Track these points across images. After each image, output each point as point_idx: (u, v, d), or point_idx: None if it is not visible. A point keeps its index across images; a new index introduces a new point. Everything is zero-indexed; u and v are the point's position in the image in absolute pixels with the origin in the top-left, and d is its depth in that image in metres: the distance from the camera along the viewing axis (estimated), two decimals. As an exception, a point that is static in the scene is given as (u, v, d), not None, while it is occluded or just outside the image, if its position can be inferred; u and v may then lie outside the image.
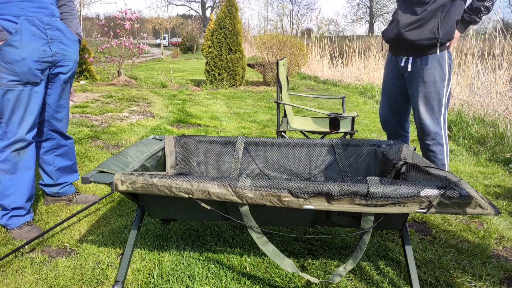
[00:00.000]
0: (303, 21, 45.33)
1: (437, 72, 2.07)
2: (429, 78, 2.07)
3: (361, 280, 1.56)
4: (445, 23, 1.99)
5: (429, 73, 2.07)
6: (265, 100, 6.60)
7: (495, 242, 1.90)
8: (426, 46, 2.04)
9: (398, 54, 2.20)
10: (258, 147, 1.96)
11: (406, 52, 2.13)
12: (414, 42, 2.04)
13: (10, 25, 1.70)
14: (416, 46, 2.06)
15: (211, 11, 43.88)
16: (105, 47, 8.26)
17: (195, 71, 12.59)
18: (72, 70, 2.02)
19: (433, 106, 2.11)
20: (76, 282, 1.52)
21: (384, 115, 2.38)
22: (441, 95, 2.10)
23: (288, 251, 1.76)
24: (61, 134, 2.10)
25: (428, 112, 2.13)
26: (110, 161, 1.48)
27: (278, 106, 2.88)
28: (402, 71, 2.19)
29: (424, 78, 2.08)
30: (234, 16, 7.78)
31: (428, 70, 2.07)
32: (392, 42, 2.18)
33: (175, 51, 23.93)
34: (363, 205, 1.22)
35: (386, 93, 2.34)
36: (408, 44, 2.07)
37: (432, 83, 2.08)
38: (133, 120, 4.72)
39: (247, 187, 1.25)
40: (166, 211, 1.48)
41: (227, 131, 4.25)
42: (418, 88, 2.12)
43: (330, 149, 1.94)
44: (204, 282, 1.53)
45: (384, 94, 2.37)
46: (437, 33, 1.98)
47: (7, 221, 1.85)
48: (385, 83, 2.36)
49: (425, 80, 2.08)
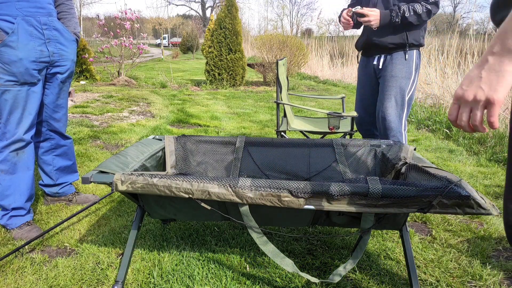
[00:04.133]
0: (303, 21, 45.33)
1: (404, 69, 2.16)
2: (396, 73, 2.16)
3: (361, 280, 1.56)
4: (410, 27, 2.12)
5: (396, 68, 2.17)
6: (265, 100, 6.60)
7: (495, 242, 1.90)
8: (396, 45, 2.15)
9: (370, 55, 2.29)
10: (258, 147, 1.96)
11: (377, 51, 2.23)
12: (383, 43, 2.16)
13: (7, 25, 1.70)
14: (385, 47, 2.17)
15: (211, 11, 43.90)
16: (105, 47, 8.26)
17: (195, 71, 12.59)
18: (70, 70, 2.02)
19: (396, 100, 2.18)
20: (76, 282, 1.52)
21: (358, 116, 2.45)
22: (404, 91, 2.17)
23: (288, 251, 1.76)
24: (60, 134, 2.10)
25: (390, 106, 2.19)
26: (110, 161, 1.48)
27: (278, 106, 2.88)
28: (375, 69, 2.28)
29: (391, 72, 2.17)
30: (234, 16, 7.78)
31: (396, 66, 2.17)
32: (364, 46, 2.29)
33: (175, 51, 23.94)
34: (363, 205, 1.22)
35: (360, 93, 2.42)
36: (378, 46, 2.19)
37: (397, 77, 2.16)
38: (133, 120, 4.72)
39: (247, 187, 1.25)
40: (166, 211, 1.47)
41: (227, 131, 4.24)
42: (385, 83, 2.20)
43: (330, 149, 1.94)
44: (204, 282, 1.53)
45: (358, 95, 2.45)
46: (405, 36, 2.12)
47: (7, 221, 1.85)
48: (359, 84, 2.44)
49: (392, 74, 2.17)
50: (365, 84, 2.37)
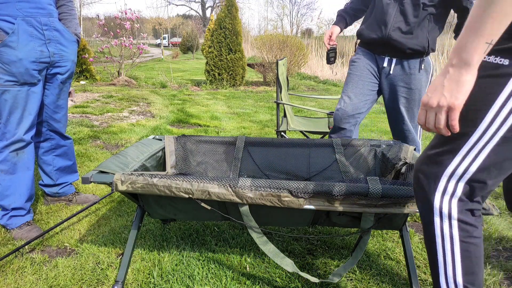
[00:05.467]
0: (303, 21, 45.30)
1: (424, 79, 1.99)
2: (416, 85, 1.98)
3: (361, 280, 1.56)
4: (433, 32, 1.93)
5: (416, 79, 1.98)
6: (265, 100, 6.60)
7: (495, 242, 1.90)
8: (414, 51, 1.94)
9: (380, 54, 2.04)
10: (258, 147, 1.96)
11: (390, 53, 2.00)
12: (403, 46, 1.92)
13: (7, 25, 1.70)
14: (402, 51, 1.95)
15: (211, 11, 43.89)
16: (105, 47, 8.26)
17: (195, 71, 12.59)
18: (70, 70, 2.02)
19: (414, 113, 2.04)
20: (76, 282, 1.52)
21: (344, 111, 2.08)
22: None
23: (288, 251, 1.76)
24: (60, 134, 2.10)
25: (410, 119, 2.05)
26: (110, 161, 1.48)
27: (278, 106, 2.88)
28: (381, 71, 2.06)
29: (410, 84, 1.99)
30: (234, 16, 7.78)
31: (415, 76, 1.98)
32: (376, 43, 2.01)
33: (175, 51, 23.94)
34: (363, 205, 1.22)
35: (354, 88, 2.09)
36: (395, 47, 1.95)
37: (418, 90, 2.00)
38: (133, 120, 4.72)
39: (247, 187, 1.25)
40: (166, 211, 1.47)
41: (227, 131, 4.24)
42: (401, 94, 2.02)
43: (330, 149, 1.94)
44: (204, 282, 1.53)
45: (350, 89, 2.10)
46: (427, 42, 1.91)
47: (7, 221, 1.86)
48: (355, 77, 2.10)
49: (412, 86, 1.99)
50: (363, 80, 2.08)
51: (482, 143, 0.85)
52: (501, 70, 0.80)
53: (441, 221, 0.93)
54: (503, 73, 0.80)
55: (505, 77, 0.80)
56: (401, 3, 1.89)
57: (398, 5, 1.90)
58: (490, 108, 0.82)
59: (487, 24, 0.74)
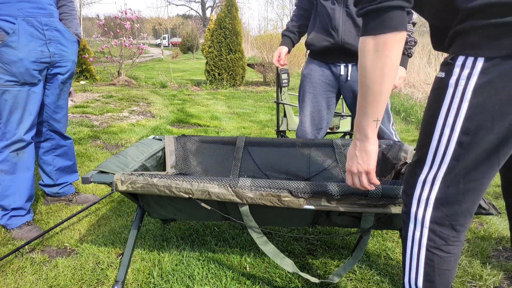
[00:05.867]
0: (303, 21, 45.16)
1: None
2: None
3: (361, 280, 1.56)
4: None
5: None
6: (265, 100, 6.60)
7: (495, 242, 1.90)
8: None
9: (335, 62, 1.96)
10: (258, 147, 1.96)
11: (345, 58, 1.93)
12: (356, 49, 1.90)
13: (8, 25, 1.71)
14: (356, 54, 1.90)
15: (211, 11, 43.89)
16: (105, 47, 8.26)
17: (195, 71, 12.59)
18: (70, 70, 2.02)
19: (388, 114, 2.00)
20: (76, 282, 1.52)
21: (303, 130, 2.06)
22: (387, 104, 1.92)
23: (288, 251, 1.76)
24: (60, 134, 2.10)
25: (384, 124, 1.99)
26: (110, 161, 1.48)
27: (278, 106, 2.88)
28: (338, 79, 1.99)
29: None
30: (234, 16, 7.78)
31: None
32: (329, 50, 1.93)
33: (175, 51, 23.95)
34: (363, 205, 1.22)
35: (311, 106, 2.03)
36: (350, 51, 1.88)
37: None
38: (133, 120, 4.72)
39: (247, 187, 1.25)
40: (166, 211, 1.48)
41: (227, 131, 4.25)
42: None
43: (330, 149, 1.94)
44: (204, 282, 1.53)
45: (307, 107, 2.04)
46: None
47: (7, 221, 1.86)
48: (310, 94, 2.03)
49: None
50: (321, 95, 2.01)
51: (441, 151, 0.90)
52: (440, 83, 0.90)
53: (414, 227, 0.99)
54: (442, 85, 0.89)
55: (443, 88, 0.88)
56: (346, 5, 1.84)
57: (343, 8, 1.85)
58: (438, 117, 0.90)
59: (368, 108, 0.94)
